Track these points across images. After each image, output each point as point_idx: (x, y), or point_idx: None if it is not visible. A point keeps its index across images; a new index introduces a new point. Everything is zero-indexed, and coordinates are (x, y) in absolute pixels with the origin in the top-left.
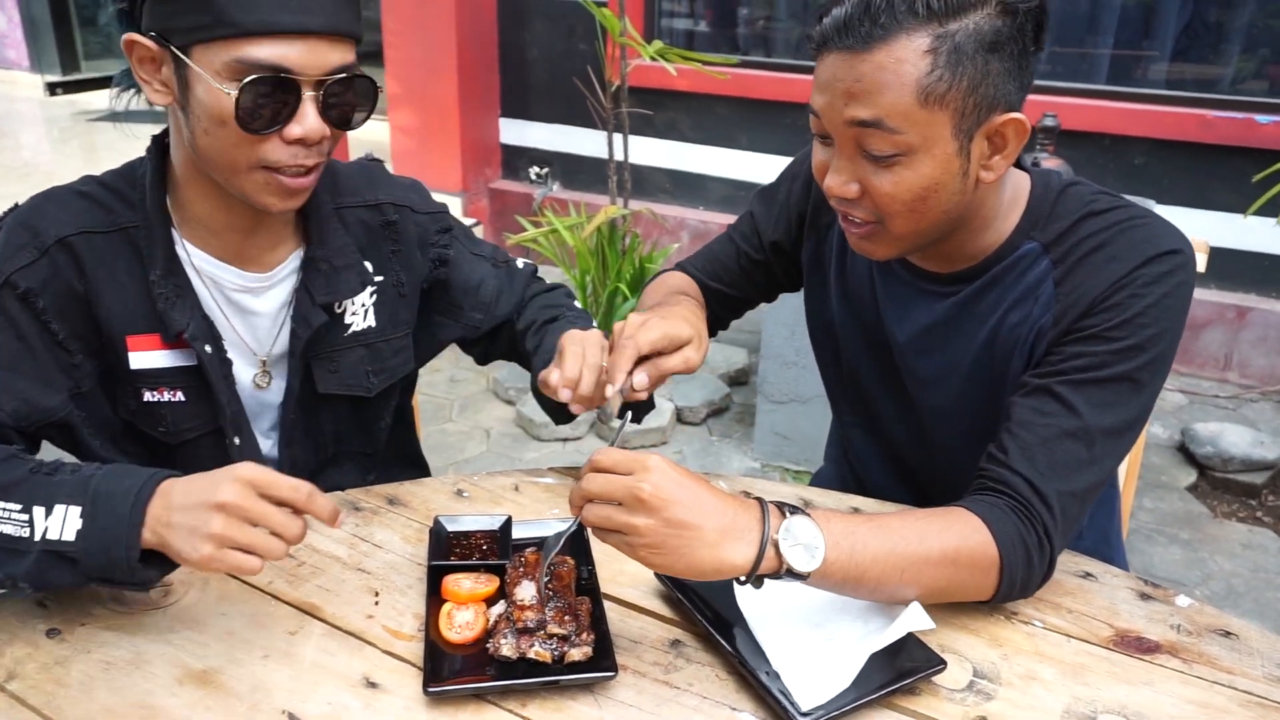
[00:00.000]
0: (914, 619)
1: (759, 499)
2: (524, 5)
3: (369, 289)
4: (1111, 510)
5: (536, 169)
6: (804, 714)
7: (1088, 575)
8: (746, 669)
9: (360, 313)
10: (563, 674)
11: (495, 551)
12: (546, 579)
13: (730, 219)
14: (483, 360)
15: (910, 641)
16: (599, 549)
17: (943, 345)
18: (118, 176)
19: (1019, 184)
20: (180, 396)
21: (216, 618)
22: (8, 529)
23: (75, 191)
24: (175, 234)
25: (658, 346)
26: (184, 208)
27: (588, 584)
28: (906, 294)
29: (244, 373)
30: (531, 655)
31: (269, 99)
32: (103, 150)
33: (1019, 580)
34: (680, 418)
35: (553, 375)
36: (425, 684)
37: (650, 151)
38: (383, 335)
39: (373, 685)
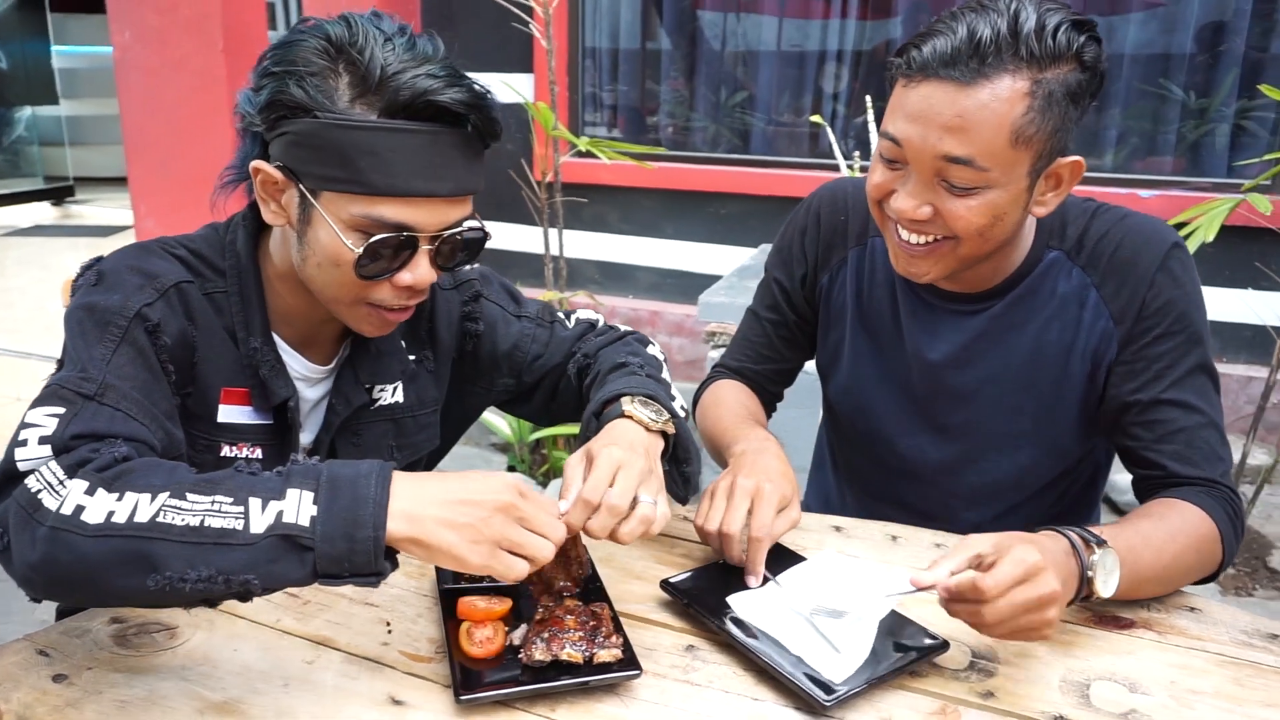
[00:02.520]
0: (895, 586)
1: (1063, 533)
2: None
3: (398, 381)
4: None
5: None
6: (830, 692)
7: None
8: (767, 660)
9: (389, 388)
10: (590, 675)
11: None
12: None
13: (660, 306)
14: (545, 423)
15: (912, 629)
16: (602, 568)
17: (980, 359)
18: (204, 244)
19: None
20: (259, 455)
21: (229, 654)
22: (217, 522)
23: (169, 251)
24: None
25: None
26: (271, 295)
27: (597, 597)
28: (936, 316)
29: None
30: (564, 657)
31: (389, 254)
32: (9, 265)
33: (1233, 550)
34: None
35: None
36: (456, 693)
37: (580, 244)
38: (409, 411)
39: (399, 703)
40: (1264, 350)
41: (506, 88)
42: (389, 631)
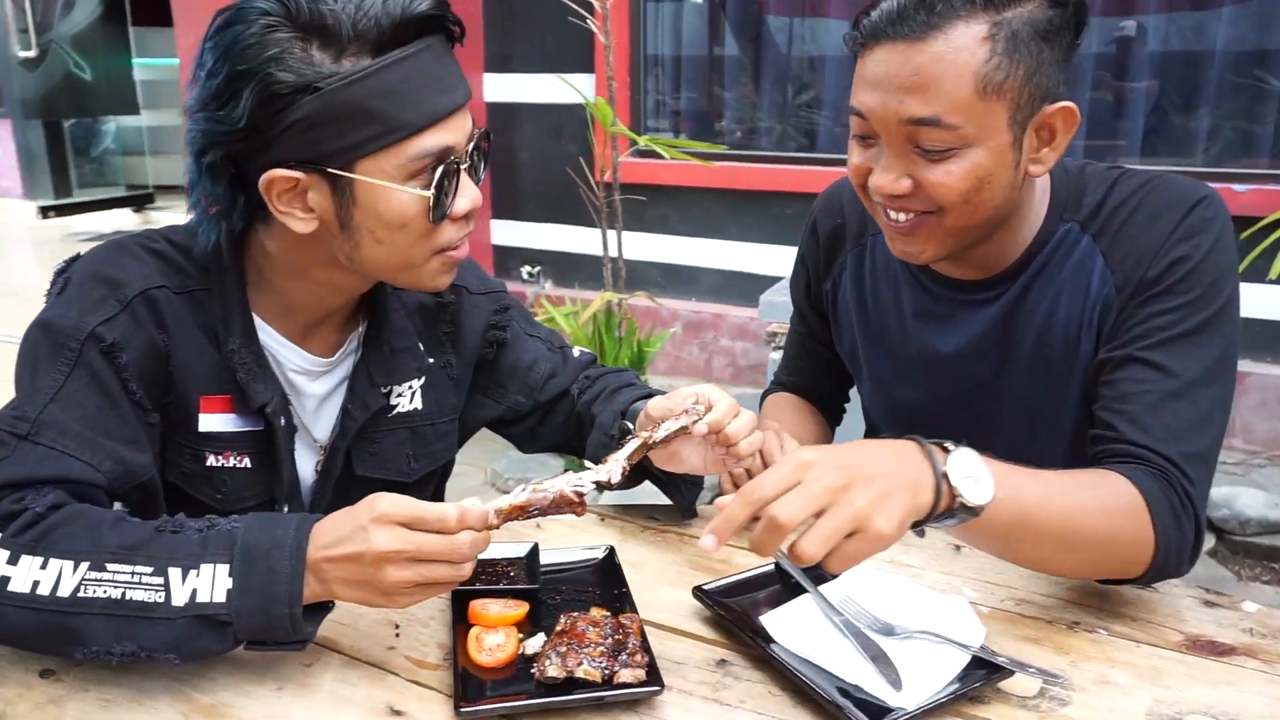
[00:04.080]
0: (966, 621)
1: (914, 438)
2: (512, 110)
3: (416, 379)
4: None
5: (528, 268)
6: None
7: (1148, 586)
8: (807, 680)
9: (407, 394)
10: (607, 690)
11: (524, 577)
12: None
13: (722, 309)
14: (529, 444)
15: (973, 648)
16: (631, 573)
17: (997, 348)
18: (190, 236)
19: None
20: (246, 463)
21: (223, 655)
22: (139, 595)
23: (147, 247)
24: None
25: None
26: (268, 287)
27: (621, 608)
28: (946, 309)
29: (303, 457)
30: (580, 674)
31: (445, 182)
32: None
33: (1174, 545)
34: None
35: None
36: (456, 705)
37: (641, 246)
38: (428, 419)
39: (398, 714)
40: None
41: (565, 85)
42: (397, 635)
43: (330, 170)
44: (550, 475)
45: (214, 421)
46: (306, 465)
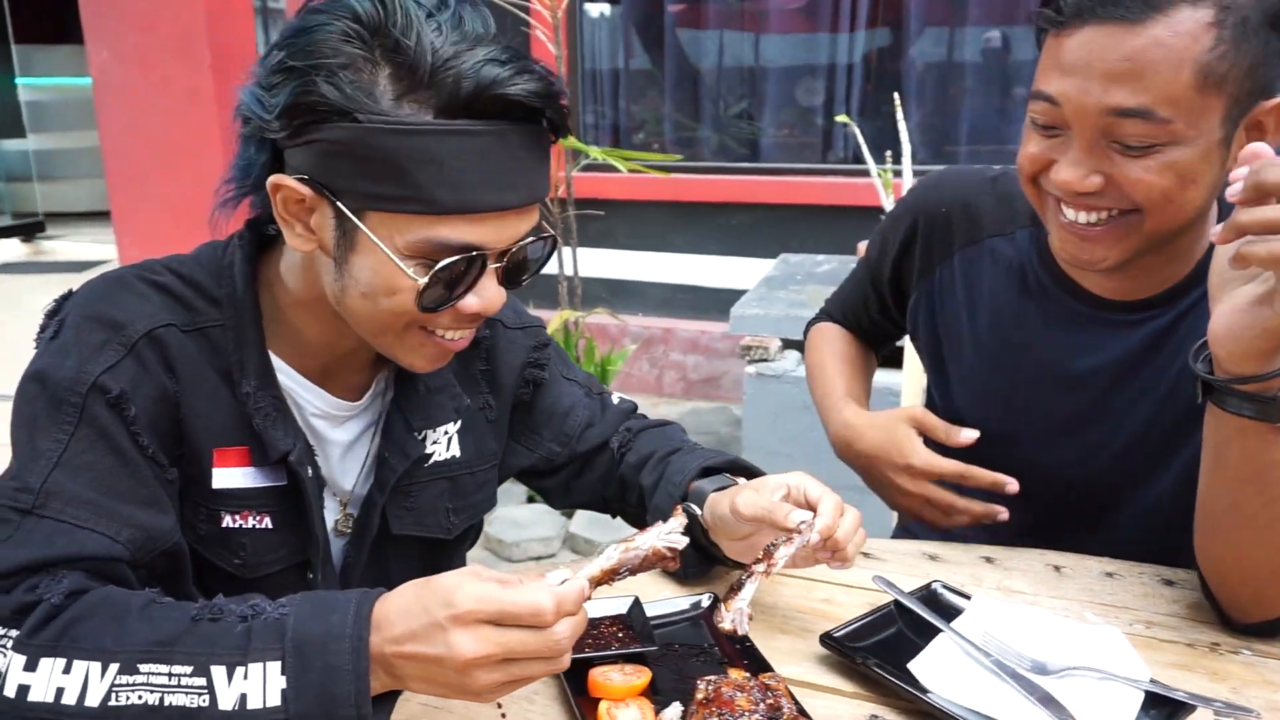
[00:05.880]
0: (1123, 653)
1: None
2: None
3: (453, 421)
4: None
5: None
6: None
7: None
8: None
9: (443, 441)
10: None
11: (634, 637)
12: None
13: (671, 323)
14: (562, 499)
15: (1151, 684)
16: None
17: (1136, 377)
18: (196, 266)
19: None
20: (268, 524)
21: None
22: (179, 700)
23: (150, 281)
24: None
25: None
26: (283, 321)
27: (751, 665)
28: (1086, 325)
29: (326, 512)
30: None
31: (456, 279)
32: None
33: None
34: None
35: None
36: None
37: (585, 261)
38: (468, 467)
39: None
40: None
41: None
42: (503, 716)
43: (341, 207)
44: (632, 532)
45: (229, 477)
46: (328, 524)
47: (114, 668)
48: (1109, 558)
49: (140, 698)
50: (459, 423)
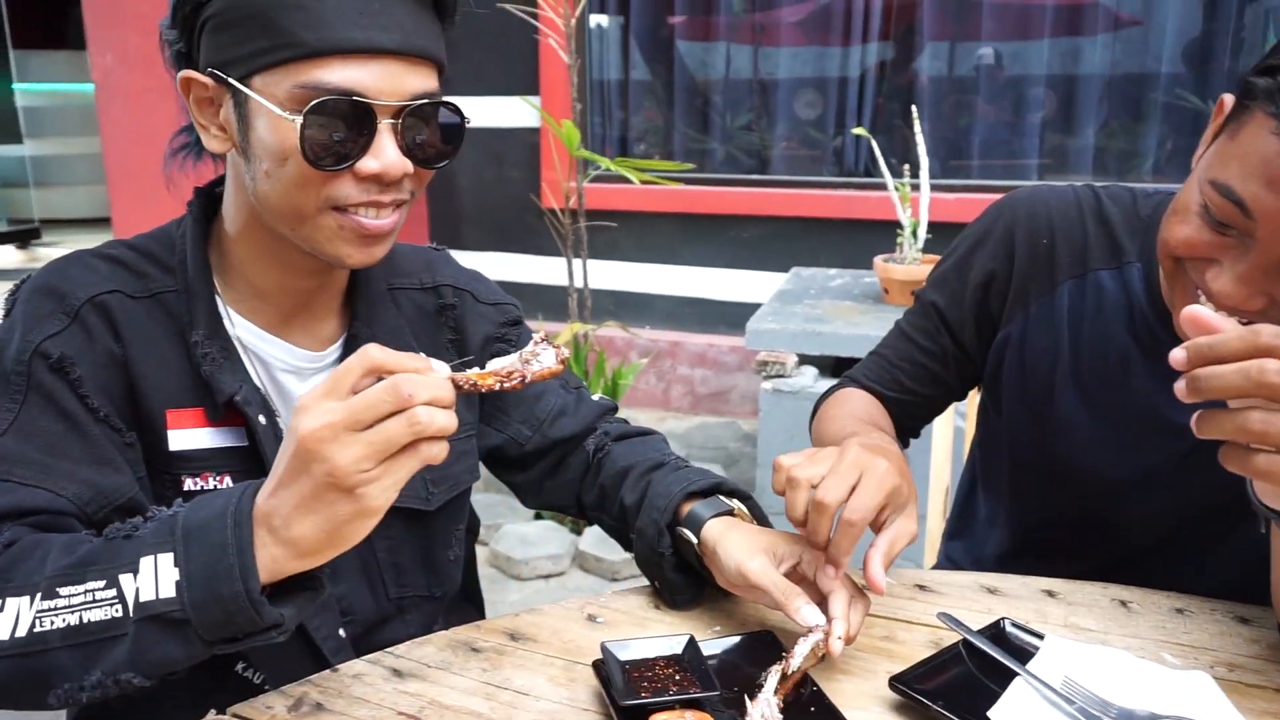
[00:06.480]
0: (1213, 700)
1: None
2: None
3: None
4: None
5: None
6: None
7: None
8: None
9: None
10: None
11: (692, 680)
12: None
13: (679, 336)
14: (534, 498)
15: None
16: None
17: None
18: (149, 240)
19: None
20: (229, 484)
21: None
22: (97, 615)
23: (101, 255)
24: (219, 299)
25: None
26: (232, 270)
27: (819, 714)
28: None
29: None
30: None
31: (340, 128)
32: None
33: None
34: None
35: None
36: None
37: (591, 273)
38: None
39: None
40: None
41: (530, 106)
42: None
43: (230, 81)
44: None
45: (186, 438)
46: None
47: (38, 596)
48: (1176, 591)
49: (63, 620)
50: None
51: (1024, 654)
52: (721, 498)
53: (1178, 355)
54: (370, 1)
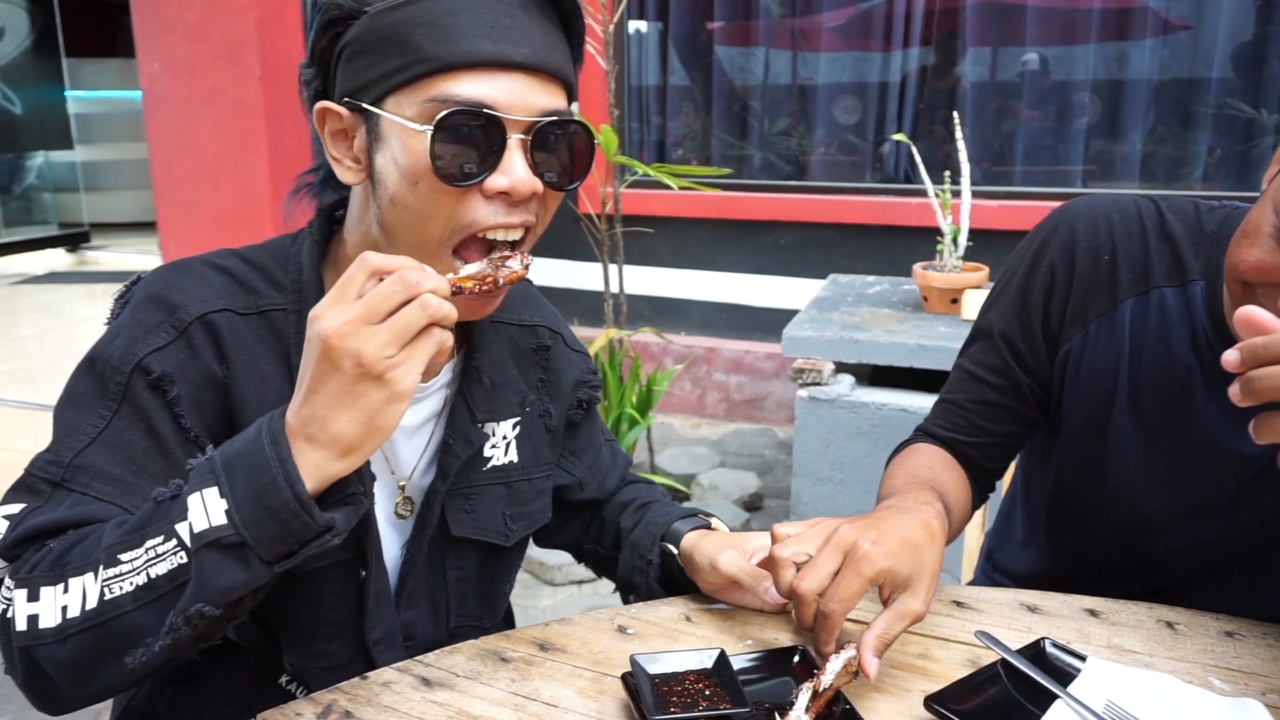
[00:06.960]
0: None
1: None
2: None
3: (516, 417)
4: None
5: None
6: None
7: None
8: None
9: (501, 445)
10: None
11: (723, 695)
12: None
13: (715, 342)
14: (549, 540)
15: None
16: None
17: None
18: (264, 253)
19: None
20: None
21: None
22: (162, 568)
23: (213, 265)
24: None
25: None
26: None
27: None
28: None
29: (381, 499)
30: None
31: (469, 143)
32: (25, 313)
33: None
34: None
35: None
36: None
37: (628, 278)
38: (524, 473)
39: None
40: None
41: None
42: None
43: (364, 106)
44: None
45: None
46: (382, 512)
47: (100, 568)
48: (1225, 614)
49: (130, 583)
50: (518, 428)
51: (1065, 676)
52: (702, 515)
53: (1230, 357)
54: (501, 16)
